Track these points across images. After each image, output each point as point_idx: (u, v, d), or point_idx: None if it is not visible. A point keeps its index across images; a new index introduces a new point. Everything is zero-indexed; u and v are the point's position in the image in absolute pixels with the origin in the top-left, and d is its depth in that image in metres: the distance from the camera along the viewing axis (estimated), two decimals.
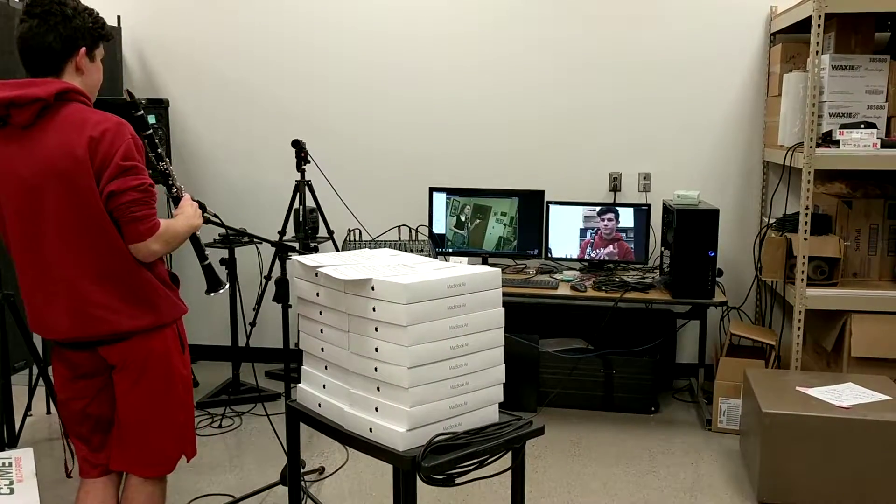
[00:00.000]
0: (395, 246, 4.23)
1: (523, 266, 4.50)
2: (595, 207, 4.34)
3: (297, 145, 4.05)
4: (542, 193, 4.39)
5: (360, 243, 4.31)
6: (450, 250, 4.49)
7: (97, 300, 2.13)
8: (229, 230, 2.83)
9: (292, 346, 3.25)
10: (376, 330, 1.95)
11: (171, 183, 2.42)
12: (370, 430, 1.99)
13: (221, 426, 4.04)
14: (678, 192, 4.06)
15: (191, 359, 2.40)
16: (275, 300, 3.04)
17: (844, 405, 3.16)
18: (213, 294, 2.59)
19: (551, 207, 4.38)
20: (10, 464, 2.56)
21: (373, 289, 1.94)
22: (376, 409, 1.98)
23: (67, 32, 2.11)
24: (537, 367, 4.16)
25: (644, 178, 4.54)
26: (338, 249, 4.39)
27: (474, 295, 2.01)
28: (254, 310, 4.32)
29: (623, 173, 4.56)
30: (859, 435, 3.06)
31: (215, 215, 2.59)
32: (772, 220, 4.17)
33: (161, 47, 4.86)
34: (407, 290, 1.87)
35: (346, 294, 2.03)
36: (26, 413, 3.62)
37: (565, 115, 4.58)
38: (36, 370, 3.51)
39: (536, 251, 4.42)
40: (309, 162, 4.09)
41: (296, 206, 4.15)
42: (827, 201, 3.94)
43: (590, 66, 4.53)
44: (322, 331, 2.15)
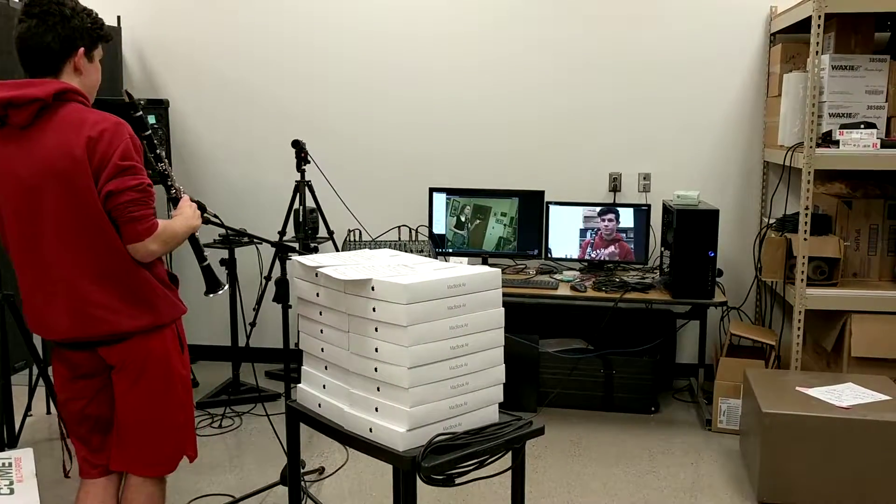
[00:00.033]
0: (395, 246, 4.23)
1: (523, 266, 4.50)
2: (595, 208, 4.33)
3: (297, 145, 4.05)
4: (542, 194, 4.39)
5: (360, 243, 4.31)
6: (450, 251, 4.49)
7: (96, 300, 2.13)
8: (229, 230, 2.83)
9: (292, 347, 3.26)
10: (376, 330, 1.95)
11: (169, 184, 2.43)
12: (370, 430, 1.99)
13: (221, 426, 4.04)
14: (678, 193, 4.06)
15: (190, 359, 2.40)
16: (275, 300, 3.04)
17: (844, 405, 3.16)
18: (213, 295, 2.59)
19: (551, 208, 4.38)
20: (10, 464, 2.56)
21: (373, 289, 1.94)
22: (376, 410, 1.98)
23: (66, 33, 2.11)
24: (537, 368, 4.16)
25: (644, 179, 4.54)
26: (338, 250, 4.38)
27: (474, 295, 2.00)
28: (254, 310, 4.32)
29: (623, 173, 4.55)
30: (859, 435, 3.06)
31: (215, 215, 2.59)
32: (772, 221, 4.16)
33: (161, 47, 4.86)
34: (407, 291, 1.87)
35: (346, 294, 2.02)
36: (26, 413, 3.62)
37: (565, 115, 4.58)
38: (36, 370, 3.51)
39: (536, 251, 4.41)
40: (309, 162, 4.09)
41: (296, 206, 4.15)
42: (827, 201, 3.94)
43: (590, 66, 4.53)
44: (322, 331, 2.15)
